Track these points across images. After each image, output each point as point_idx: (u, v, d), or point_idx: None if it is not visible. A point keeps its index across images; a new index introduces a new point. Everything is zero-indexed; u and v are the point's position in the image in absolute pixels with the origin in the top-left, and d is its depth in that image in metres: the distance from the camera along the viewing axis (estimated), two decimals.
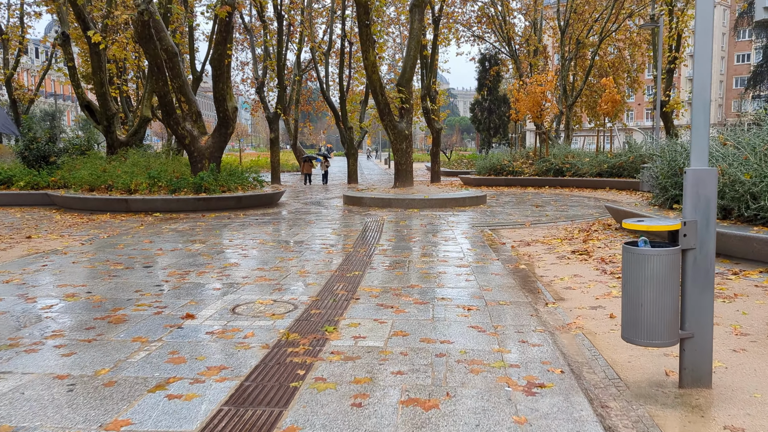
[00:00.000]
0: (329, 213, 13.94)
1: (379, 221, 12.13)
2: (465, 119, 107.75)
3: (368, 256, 8.07)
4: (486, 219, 12.70)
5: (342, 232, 10.52)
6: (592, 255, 8.10)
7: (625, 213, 9.89)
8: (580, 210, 14.52)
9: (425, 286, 6.33)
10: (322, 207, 15.57)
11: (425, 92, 28.15)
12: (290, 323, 4.96)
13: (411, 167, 16.85)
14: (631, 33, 38.60)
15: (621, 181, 20.08)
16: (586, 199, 17.79)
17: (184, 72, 14.99)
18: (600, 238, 9.44)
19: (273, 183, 27.89)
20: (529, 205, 15.69)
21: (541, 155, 24.46)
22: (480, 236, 10.05)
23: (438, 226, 11.31)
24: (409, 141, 16.58)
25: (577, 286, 6.46)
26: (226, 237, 9.91)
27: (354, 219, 12.67)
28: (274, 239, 9.67)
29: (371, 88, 15.81)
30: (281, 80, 27.53)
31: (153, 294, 5.96)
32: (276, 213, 13.76)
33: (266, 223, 11.75)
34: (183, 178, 14.09)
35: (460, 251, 8.51)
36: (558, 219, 12.71)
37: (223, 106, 14.85)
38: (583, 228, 10.77)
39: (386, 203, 15.28)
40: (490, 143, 50.82)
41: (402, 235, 10.10)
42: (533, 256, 8.32)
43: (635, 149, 21.34)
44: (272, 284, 6.39)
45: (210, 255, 8.17)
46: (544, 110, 24.05)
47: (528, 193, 20.32)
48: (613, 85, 22.49)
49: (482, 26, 39.01)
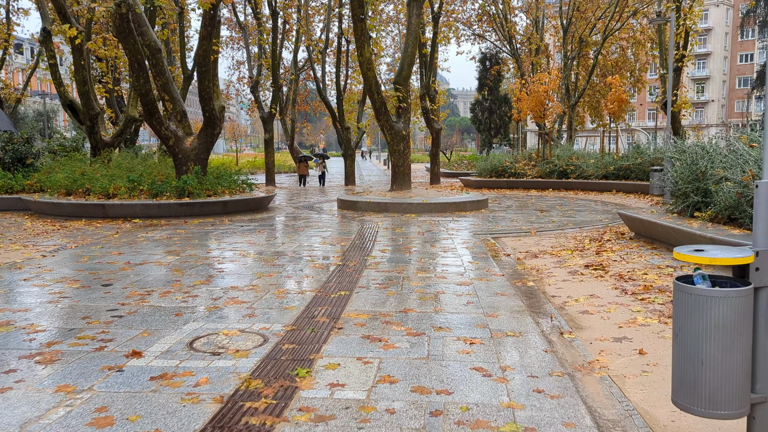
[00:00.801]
0: (321, 219, 13.09)
1: (374, 228, 11.28)
2: (465, 119, 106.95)
3: (358, 272, 7.22)
4: (488, 225, 11.85)
5: (332, 242, 9.67)
6: (609, 270, 7.25)
7: (640, 221, 9.04)
8: (588, 215, 13.67)
9: (420, 310, 5.48)
10: (315, 212, 14.72)
11: (424, 91, 27.31)
12: (255, 363, 4.11)
13: (409, 169, 16.01)
14: (634, 31, 37.80)
15: (628, 183, 19.24)
16: (593, 203, 16.94)
17: (168, 69, 14.14)
18: (614, 250, 8.58)
19: (268, 185, 27.08)
20: (533, 210, 14.84)
21: (544, 156, 23.61)
22: (482, 246, 9.20)
23: (437, 234, 10.46)
24: (406, 142, 15.74)
25: (595, 310, 5.60)
26: (204, 247, 9.06)
27: (347, 225, 11.82)
28: (256, 250, 8.82)
29: (366, 86, 14.97)
30: (276, 79, 26.70)
31: (102, 322, 5.11)
32: (264, 219, 12.91)
33: (251, 231, 10.89)
34: (165, 182, 13.24)
35: (461, 264, 7.66)
36: (565, 226, 11.85)
37: (209, 105, 14.00)
38: (595, 237, 9.91)
39: (382, 208, 14.43)
40: (491, 144, 49.99)
41: (397, 245, 9.25)
42: (542, 270, 7.47)
43: (643, 151, 20.48)
44: (244, 308, 5.54)
45: (182, 270, 7.31)
46: (547, 110, 23.20)
47: (531, 195, 19.46)
48: (619, 84, 21.64)
49: (483, 25, 38.23)
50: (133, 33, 12.74)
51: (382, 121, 15.38)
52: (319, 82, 30.10)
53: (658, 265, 7.43)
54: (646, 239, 9.14)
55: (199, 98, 13.97)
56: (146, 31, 13.56)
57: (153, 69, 13.91)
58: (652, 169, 15.61)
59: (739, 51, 78.59)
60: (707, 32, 77.10)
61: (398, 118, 15.77)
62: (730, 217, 7.80)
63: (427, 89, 27.42)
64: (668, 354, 4.40)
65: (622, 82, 39.11)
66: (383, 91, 19.48)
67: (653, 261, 7.70)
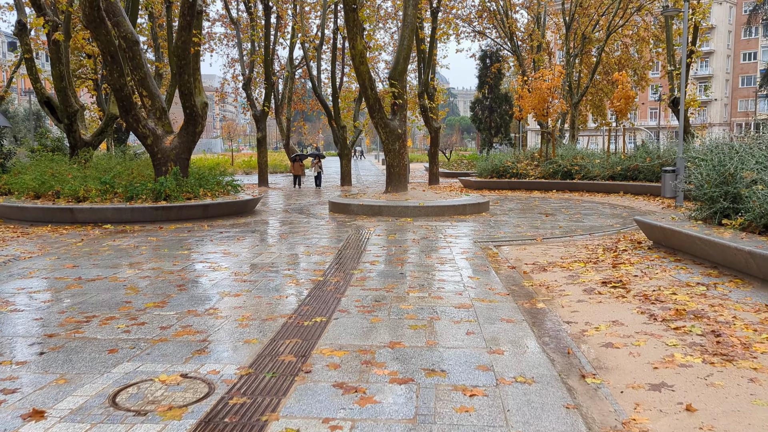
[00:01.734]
0: (309, 223, 12.12)
1: (365, 235, 10.30)
2: (465, 119, 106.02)
3: (341, 290, 6.24)
4: (489, 231, 10.88)
5: (317, 251, 8.70)
6: (630, 288, 6.28)
7: (661, 230, 8.06)
8: (597, 220, 12.69)
9: (410, 344, 4.51)
10: (304, 215, 13.75)
11: (422, 89, 26.34)
12: (188, 431, 3.14)
13: (405, 170, 15.04)
14: (638, 28, 36.86)
15: (637, 185, 18.26)
16: (600, 205, 15.97)
17: (147, 63, 13.17)
18: (633, 262, 7.61)
19: (260, 186, 26.12)
20: (537, 214, 13.87)
21: (548, 156, 22.65)
22: (483, 257, 8.23)
23: (433, 242, 9.49)
24: (402, 141, 14.77)
25: (621, 342, 4.64)
26: (172, 258, 8.08)
27: (336, 231, 10.85)
28: (230, 262, 7.84)
29: (359, 81, 13.99)
30: (269, 76, 25.74)
31: (15, 362, 4.14)
32: (247, 224, 11.94)
33: (229, 239, 9.92)
34: (141, 184, 12.27)
35: (459, 280, 6.69)
36: (574, 232, 10.88)
37: (190, 102, 13.02)
38: (609, 246, 8.94)
39: (376, 211, 13.46)
40: (491, 143, 49.01)
41: (389, 256, 8.28)
42: (552, 287, 6.50)
43: (651, 150, 19.52)
44: (195, 342, 4.57)
45: (137, 288, 6.34)
46: (550, 108, 22.23)
47: (534, 197, 18.49)
48: (627, 80, 20.67)
49: (483, 21, 37.29)
50: (105, 23, 11.77)
51: (377, 118, 14.41)
52: (314, 80, 29.12)
53: (687, 282, 6.45)
54: (668, 249, 8.17)
55: (179, 94, 12.99)
56: (122, 22, 12.59)
57: (130, 62, 12.94)
58: (663, 169, 14.65)
59: (743, 49, 77.61)
60: (710, 30, 76.11)
61: (394, 116, 14.80)
62: (767, 225, 6.83)
63: (426, 87, 26.45)
64: (725, 411, 3.43)
65: (632, 78, 38.28)
66: (381, 90, 18.47)
67: (680, 276, 6.73)
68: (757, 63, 75.61)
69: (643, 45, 37.46)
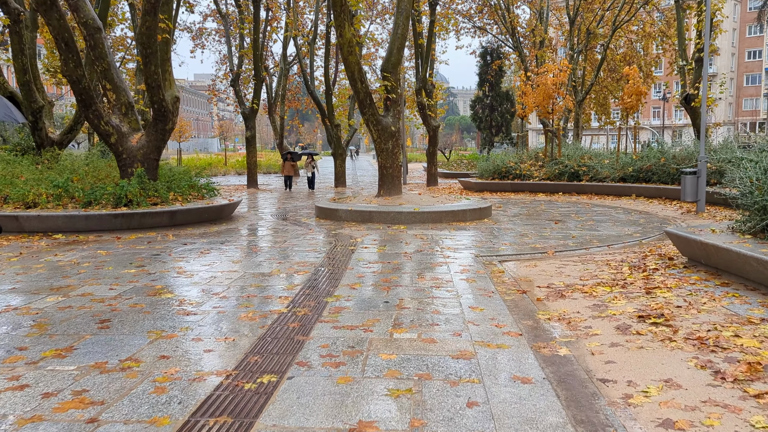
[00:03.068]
0: (289, 233, 10.76)
1: (349, 248, 8.95)
2: (465, 118, 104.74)
3: (306, 328, 4.89)
4: (493, 242, 9.52)
5: (289, 269, 7.34)
6: (676, 326, 4.91)
7: (701, 245, 6.69)
8: (613, 227, 11.33)
9: (389, 428, 3.16)
10: (287, 222, 12.40)
11: (420, 85, 25.00)
12: None
13: (399, 171, 13.69)
14: (644, 23, 35.53)
15: (650, 187, 16.90)
16: (613, 210, 14.61)
17: (111, 53, 11.83)
18: (669, 285, 6.25)
19: (249, 187, 24.78)
20: (545, 220, 12.52)
21: (553, 156, 21.30)
22: (487, 277, 6.88)
23: (428, 257, 8.13)
24: (396, 139, 13.42)
25: (685, 420, 3.27)
26: (111, 280, 6.72)
27: (317, 243, 9.49)
28: (179, 286, 6.49)
29: (348, 73, 12.63)
30: (258, 72, 24.39)
31: None
32: (219, 233, 10.58)
33: (191, 253, 8.56)
34: (99, 188, 10.90)
35: (459, 313, 5.34)
36: (589, 243, 9.52)
37: (158, 96, 11.66)
38: (635, 264, 7.57)
39: (366, 217, 12.11)
40: (492, 142, 47.65)
41: (375, 276, 6.93)
42: (575, 322, 5.14)
43: (666, 150, 18.17)
44: (79, 422, 3.21)
45: (47, 325, 4.99)
46: (555, 105, 20.87)
47: (539, 201, 17.14)
48: (638, 75, 19.29)
49: (483, 17, 35.96)
50: (56, 5, 10.42)
51: (368, 114, 13.05)
52: (306, 76, 27.78)
53: (748, 317, 5.09)
54: (709, 269, 6.81)
55: (145, 87, 11.63)
56: (82, 6, 11.24)
57: (92, 52, 11.59)
58: (683, 171, 13.28)
59: (747, 48, 76.24)
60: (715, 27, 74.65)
61: (387, 112, 13.45)
62: None
63: (424, 83, 25.10)
64: None
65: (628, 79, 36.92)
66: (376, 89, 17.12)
67: (736, 309, 5.37)
68: (761, 61, 74.30)
69: (649, 41, 36.14)
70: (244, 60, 25.51)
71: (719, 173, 15.27)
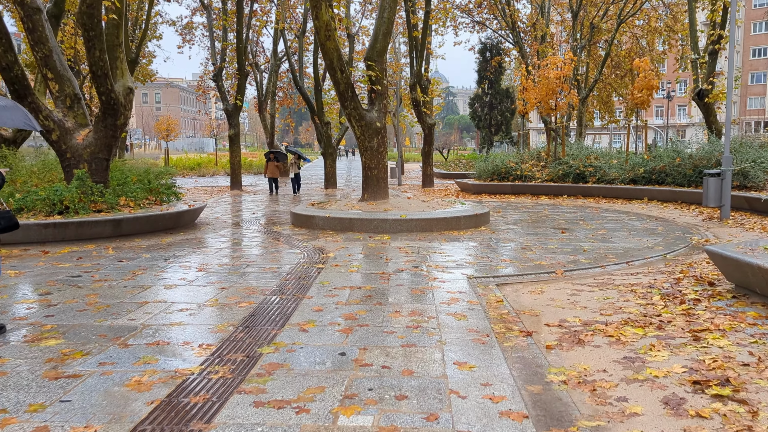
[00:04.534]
0: (252, 245, 9.24)
1: (317, 265, 7.42)
2: (465, 117, 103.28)
3: (212, 408, 3.37)
4: (491, 258, 8.00)
5: (232, 298, 5.82)
6: (752, 402, 3.38)
7: (755, 270, 5.17)
8: (629, 238, 9.81)
9: None
10: (256, 231, 10.88)
11: (415, 80, 23.48)
12: None
13: (385, 172, 12.16)
14: (649, 18, 34.03)
15: (664, 190, 15.36)
16: (625, 215, 13.10)
17: (53, 37, 10.31)
18: (722, 327, 4.72)
19: (233, 189, 23.25)
20: (550, 228, 11.00)
21: (556, 156, 19.78)
22: (482, 310, 5.36)
23: (410, 281, 6.61)
24: (382, 136, 11.90)
25: None
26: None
27: (279, 259, 7.96)
28: (74, 325, 4.96)
29: (326, 61, 11.10)
30: (241, 66, 22.87)
31: None
32: (170, 245, 9.05)
33: (121, 273, 7.02)
34: (31, 192, 9.37)
35: (440, 375, 3.82)
36: (604, 258, 8.00)
37: (106, 86, 10.13)
38: (667, 290, 6.04)
39: (346, 225, 10.59)
40: (492, 142, 46.12)
41: (335, 310, 5.41)
42: (603, 390, 3.61)
43: (681, 150, 16.65)
44: None
45: None
46: (559, 101, 19.35)
47: (543, 204, 15.62)
48: (649, 67, 17.75)
49: (482, 11, 34.45)
50: None
51: (349, 108, 11.53)
52: (295, 72, 26.26)
53: None
54: (766, 300, 5.29)
55: (91, 75, 10.09)
56: None
57: (29, 35, 10.06)
58: (706, 173, 11.77)
59: (752, 45, 74.69)
60: None
61: (371, 106, 11.92)
62: None
63: (419, 78, 23.58)
64: None
65: (632, 76, 35.37)
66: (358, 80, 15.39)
67: None
68: (767, 59, 72.77)
69: (654, 37, 34.63)
70: (227, 53, 23.97)
71: (743, 175, 13.76)
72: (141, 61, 32.14)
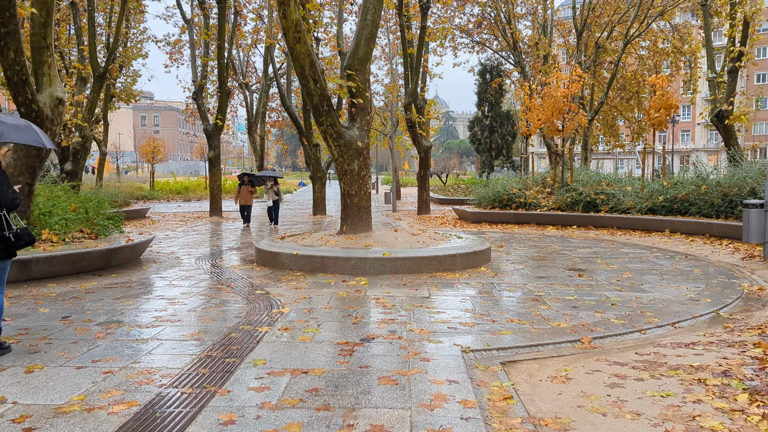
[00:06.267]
0: (190, 292, 7.35)
1: (259, 328, 5.53)
2: (464, 142, 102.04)
3: None
4: (493, 316, 6.11)
5: (104, 397, 3.93)
6: None
7: None
8: (663, 284, 7.92)
9: None
10: (206, 272, 9.00)
11: (410, 100, 21.78)
12: None
13: (367, 200, 10.33)
14: (656, 38, 32.64)
15: (689, 221, 13.50)
16: (648, 252, 11.23)
17: None
18: None
19: (212, 215, 21.40)
20: (563, 269, 9.12)
21: (563, 182, 17.98)
22: (482, 423, 3.46)
23: (381, 361, 4.72)
24: (364, 158, 10.09)
25: None
26: None
27: (215, 317, 6.07)
28: None
29: (296, 68, 9.32)
30: (222, 83, 21.22)
31: None
32: (87, 293, 7.16)
33: None
34: None
35: None
36: (640, 316, 6.11)
37: (25, 94, 8.35)
38: (753, 381, 4.13)
39: (316, 265, 8.73)
40: (492, 166, 44.43)
41: (254, 421, 3.51)
42: None
43: (705, 176, 14.84)
44: None
45: None
46: (567, 121, 17.62)
47: (550, 236, 13.76)
48: (666, 85, 16.03)
49: (482, 32, 33.08)
50: None
51: (325, 125, 9.73)
52: (282, 90, 24.63)
53: None
54: None
55: (6, 82, 8.31)
56: None
57: None
58: (747, 203, 9.94)
59: (756, 71, 73.55)
60: None
61: (351, 122, 10.13)
62: None
63: (414, 98, 21.90)
64: None
65: (639, 99, 33.83)
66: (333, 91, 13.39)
67: None
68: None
69: (660, 59, 33.17)
70: (208, 70, 22.33)
71: None
72: (125, 80, 30.63)
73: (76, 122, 18.14)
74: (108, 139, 30.04)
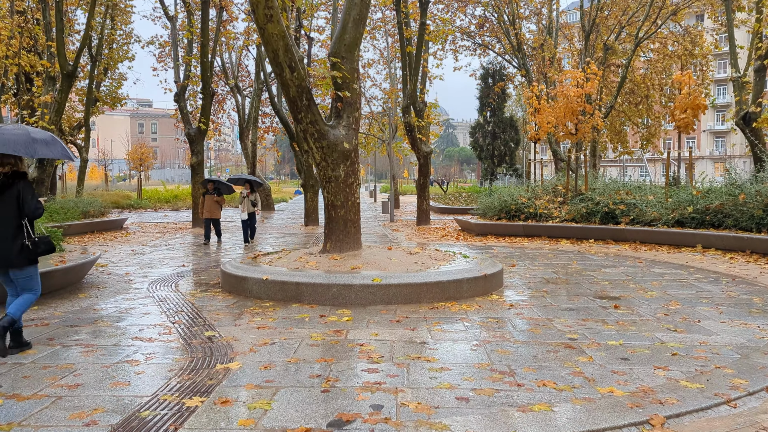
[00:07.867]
0: (126, 332, 5.68)
1: (186, 400, 3.87)
2: (465, 150, 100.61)
3: None
4: (516, 376, 4.44)
5: None
6: None
7: None
8: (723, 318, 6.25)
9: None
10: (154, 303, 7.34)
11: (408, 102, 20.18)
12: None
13: (356, 212, 8.69)
14: (666, 40, 31.15)
15: (725, 235, 11.83)
16: (684, 272, 9.58)
17: None
18: None
19: (195, 226, 19.81)
20: (592, 297, 7.46)
21: (577, 190, 16.35)
22: None
23: None
24: (352, 162, 8.47)
25: None
26: None
27: (134, 379, 4.40)
28: None
29: (268, 54, 7.70)
30: (206, 84, 19.66)
31: None
32: None
33: None
34: None
35: None
36: (715, 370, 4.45)
37: None
38: None
39: (290, 293, 7.08)
40: (494, 174, 42.81)
41: None
42: None
43: (742, 184, 13.19)
44: None
45: None
46: (581, 123, 16.01)
47: (566, 252, 12.11)
48: (693, 82, 14.40)
49: (484, 33, 31.61)
50: None
51: (305, 122, 8.11)
52: (271, 91, 23.03)
53: None
54: None
55: None
56: None
57: None
58: None
59: None
60: None
61: (336, 120, 8.50)
62: None
63: (413, 100, 20.30)
64: None
65: (649, 103, 32.31)
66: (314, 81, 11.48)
67: None
68: None
69: (670, 63, 31.66)
70: (191, 69, 20.75)
71: None
72: (110, 83, 29.11)
73: (43, 125, 16.54)
74: (97, 145, 28.60)
